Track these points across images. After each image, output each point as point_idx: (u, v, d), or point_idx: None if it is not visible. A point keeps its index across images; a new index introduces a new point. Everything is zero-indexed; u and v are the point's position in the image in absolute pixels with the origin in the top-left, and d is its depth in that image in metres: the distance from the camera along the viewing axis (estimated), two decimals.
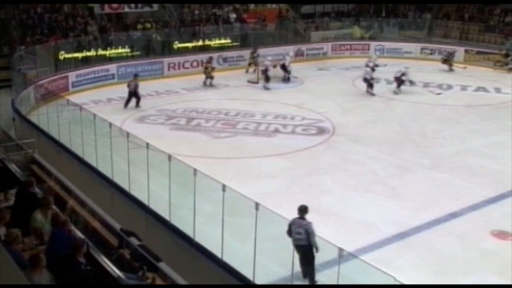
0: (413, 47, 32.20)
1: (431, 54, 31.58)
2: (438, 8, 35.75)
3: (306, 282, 9.75)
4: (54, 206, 9.21)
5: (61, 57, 23.97)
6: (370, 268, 8.40)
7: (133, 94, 21.17)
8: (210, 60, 25.52)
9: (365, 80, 23.68)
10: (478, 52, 30.17)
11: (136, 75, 22.23)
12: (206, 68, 25.04)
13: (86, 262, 7.45)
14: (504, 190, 14.11)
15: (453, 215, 12.76)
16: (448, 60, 28.92)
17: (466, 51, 30.72)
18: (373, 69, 24.35)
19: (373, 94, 23.30)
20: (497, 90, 24.68)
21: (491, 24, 32.90)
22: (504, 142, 17.72)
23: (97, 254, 8.13)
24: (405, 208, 13.09)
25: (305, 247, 9.69)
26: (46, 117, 17.47)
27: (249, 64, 27.52)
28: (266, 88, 24.37)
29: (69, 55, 24.34)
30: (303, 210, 9.92)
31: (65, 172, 12.49)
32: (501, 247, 11.52)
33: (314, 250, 9.65)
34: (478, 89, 24.88)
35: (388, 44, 32.64)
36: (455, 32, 33.63)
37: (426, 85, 25.52)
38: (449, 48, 31.31)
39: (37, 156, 12.95)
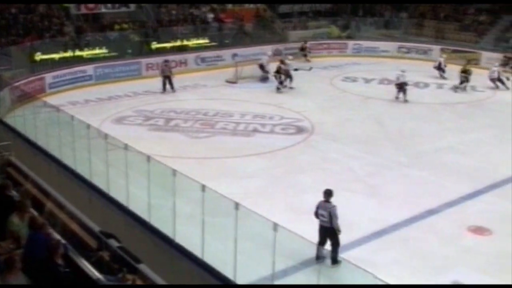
0: (390, 46, 32.51)
1: (407, 52, 31.94)
2: (414, 8, 36.12)
3: (319, 264, 9.79)
4: (31, 209, 9.10)
5: (37, 58, 23.72)
6: (349, 266, 8.47)
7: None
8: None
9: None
10: (453, 51, 30.55)
11: (166, 61, 24.44)
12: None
13: (64, 264, 7.38)
14: (480, 186, 14.33)
15: (431, 212, 12.92)
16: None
17: (442, 49, 31.08)
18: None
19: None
20: (473, 88, 25.00)
21: (465, 23, 33.34)
22: (480, 140, 18.01)
23: (76, 256, 8.06)
24: (383, 206, 13.20)
25: (328, 229, 10.35)
26: (22, 119, 17.26)
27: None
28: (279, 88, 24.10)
29: (46, 56, 24.09)
30: (328, 193, 10.64)
31: (43, 175, 12.33)
32: (478, 243, 11.69)
33: (337, 232, 10.29)
34: (454, 87, 25.13)
35: (365, 43, 32.92)
36: (431, 31, 34.00)
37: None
38: (425, 46, 31.68)
39: (13, 159, 12.77)
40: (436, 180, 14.85)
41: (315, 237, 9.30)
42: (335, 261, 10.28)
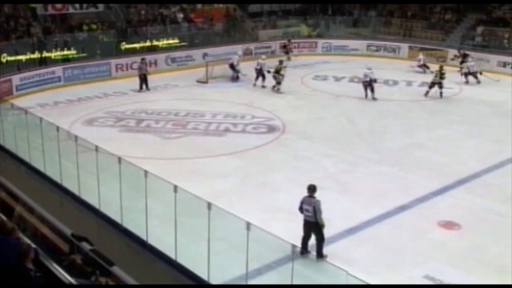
0: (359, 44, 32.85)
1: (377, 51, 32.32)
2: (382, 6, 36.53)
3: (304, 258, 9.88)
4: (0, 214, 8.96)
5: (3, 60, 23.31)
6: (323, 264, 8.54)
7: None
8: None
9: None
10: (421, 49, 30.98)
11: (143, 59, 24.51)
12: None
13: (35, 269, 7.28)
14: (450, 181, 14.57)
15: (402, 208, 13.08)
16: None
17: (410, 47, 31.55)
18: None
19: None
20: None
21: (432, 21, 33.86)
22: (448, 135, 18.31)
23: (48, 261, 7.95)
24: (356, 203, 13.33)
25: (313, 224, 10.57)
26: None
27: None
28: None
29: (12, 58, 23.68)
30: (312, 188, 10.85)
31: (12, 178, 12.14)
32: (448, 237, 11.89)
33: (322, 227, 10.53)
34: (423, 84, 25.48)
35: (335, 42, 33.19)
36: (399, 29, 34.44)
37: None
38: (394, 44, 32.08)
39: None
40: (407, 176, 15.06)
41: (288, 235, 9.35)
42: (320, 255, 10.46)
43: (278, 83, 23.78)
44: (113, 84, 24.76)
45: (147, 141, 17.71)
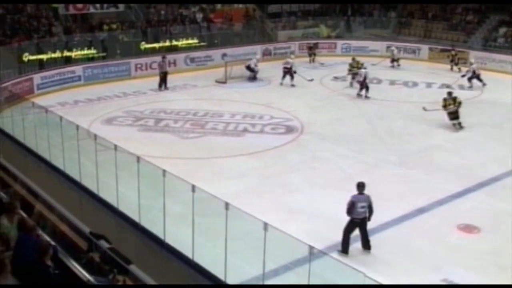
0: (379, 45, 32.63)
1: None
2: (403, 7, 36.29)
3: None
4: (20, 211, 9.06)
5: (25, 59, 23.57)
6: (340, 265, 8.49)
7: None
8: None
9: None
10: (441, 50, 30.73)
11: (164, 57, 24.76)
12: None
13: (54, 266, 7.35)
14: (469, 184, 14.41)
15: (421, 211, 12.97)
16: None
17: (430, 49, 31.28)
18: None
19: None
20: (461, 87, 25.13)
21: (453, 22, 33.54)
22: (468, 138, 18.13)
23: (66, 258, 8.03)
24: (373, 205, 13.20)
25: (364, 220, 11.00)
26: (10, 120, 17.18)
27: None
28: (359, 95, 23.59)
29: (34, 57, 23.94)
30: (362, 185, 11.18)
31: (32, 176, 12.28)
32: (467, 241, 11.76)
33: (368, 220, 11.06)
34: (442, 86, 25.29)
35: (354, 43, 33.03)
36: (419, 30, 34.18)
37: (392, 82, 25.91)
38: (414, 46, 31.82)
39: (1, 160, 12.71)
40: (426, 178, 14.92)
41: (305, 236, 9.31)
42: (369, 246, 11.05)
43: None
44: (133, 84, 24.91)
45: (166, 140, 17.79)
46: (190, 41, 29.48)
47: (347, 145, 17.30)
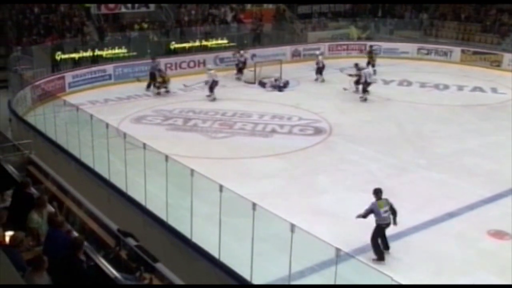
0: (410, 47, 32.24)
1: (427, 54, 31.66)
2: (435, 8, 35.82)
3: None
4: (50, 206, 9.21)
5: (57, 58, 23.95)
6: (367, 268, 8.42)
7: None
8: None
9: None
10: (474, 52, 30.24)
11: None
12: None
13: (86, 260, 7.46)
14: (501, 189, 14.15)
15: (450, 215, 12.79)
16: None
17: (462, 51, 30.80)
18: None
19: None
20: (494, 90, 24.73)
21: (487, 24, 32.97)
22: (500, 142, 17.77)
23: (94, 254, 8.13)
24: (402, 208, 13.01)
25: (388, 225, 10.95)
26: (42, 117, 17.46)
27: None
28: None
29: (66, 56, 24.31)
30: (380, 191, 11.06)
31: (62, 173, 12.46)
32: (498, 247, 11.54)
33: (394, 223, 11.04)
34: (475, 89, 24.93)
35: (384, 45, 32.65)
36: (452, 32, 33.69)
37: (422, 85, 25.60)
38: (446, 48, 31.38)
39: (33, 157, 12.92)
40: (456, 182, 14.70)
41: (332, 238, 9.26)
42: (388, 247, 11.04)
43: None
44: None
45: (194, 140, 17.88)
46: (220, 41, 29.57)
47: (376, 148, 17.14)
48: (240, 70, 26.33)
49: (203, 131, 18.72)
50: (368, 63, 26.41)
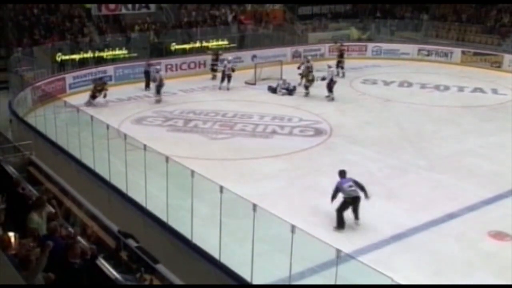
0: (410, 48, 32.26)
1: (428, 55, 31.67)
2: (435, 9, 35.82)
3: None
4: (48, 205, 9.21)
5: (58, 59, 23.95)
6: (367, 269, 8.41)
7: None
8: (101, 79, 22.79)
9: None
10: (475, 53, 30.25)
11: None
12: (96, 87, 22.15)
13: (81, 262, 7.42)
14: (501, 191, 14.13)
15: (451, 216, 12.77)
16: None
17: (463, 52, 30.80)
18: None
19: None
20: (494, 91, 24.73)
21: (487, 25, 32.96)
22: (501, 143, 17.75)
23: (95, 252, 8.12)
24: (402, 209, 13.10)
25: (359, 198, 12.04)
26: (43, 118, 17.47)
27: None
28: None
29: (66, 57, 24.32)
30: (344, 172, 12.53)
31: (62, 174, 12.48)
32: (499, 248, 11.53)
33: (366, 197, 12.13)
34: (475, 90, 24.93)
35: (385, 46, 32.70)
36: (452, 33, 33.68)
37: (423, 86, 25.60)
38: (446, 49, 31.38)
39: (34, 158, 12.95)
40: (456, 183, 14.69)
41: (332, 239, 9.27)
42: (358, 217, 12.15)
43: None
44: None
45: (194, 141, 17.87)
46: (220, 42, 29.58)
47: (376, 149, 17.14)
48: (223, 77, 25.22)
49: (203, 132, 18.72)
50: (338, 64, 26.52)
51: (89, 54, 25.20)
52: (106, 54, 25.80)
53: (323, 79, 22.85)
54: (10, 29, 25.19)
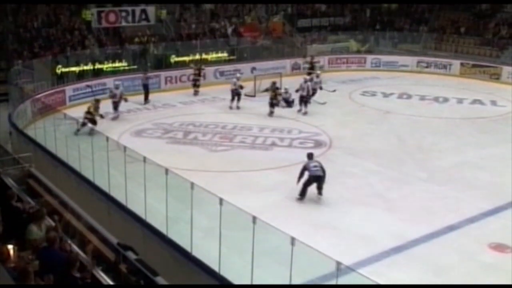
0: (409, 60, 32.36)
1: (427, 67, 31.76)
2: (434, 21, 35.98)
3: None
4: (48, 218, 9.19)
5: (58, 71, 24.01)
6: (368, 282, 8.38)
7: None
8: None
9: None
10: (474, 65, 30.35)
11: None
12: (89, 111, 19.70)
13: (81, 276, 7.40)
14: (502, 202, 14.12)
15: (451, 228, 12.75)
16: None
17: (462, 64, 30.90)
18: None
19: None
20: (493, 102, 24.78)
21: (486, 37, 33.10)
22: (501, 155, 17.77)
23: (94, 268, 8.09)
24: (402, 221, 13.07)
25: (322, 178, 14.01)
26: (43, 131, 17.46)
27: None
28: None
29: (66, 69, 24.38)
30: (311, 155, 14.68)
31: (62, 186, 12.44)
32: (499, 260, 11.50)
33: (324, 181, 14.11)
34: (474, 101, 24.99)
35: (384, 58, 32.81)
36: (451, 45, 33.81)
37: (422, 98, 25.65)
38: (445, 61, 31.48)
39: (33, 170, 12.92)
40: (456, 195, 14.68)
41: (332, 251, 9.24)
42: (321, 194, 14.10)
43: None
44: (162, 96, 25.12)
45: (194, 153, 17.87)
46: (219, 55, 29.67)
47: (376, 161, 17.14)
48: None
49: (203, 144, 18.72)
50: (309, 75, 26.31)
51: (89, 67, 25.25)
52: (106, 66, 25.86)
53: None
54: (10, 41, 25.28)
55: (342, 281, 8.36)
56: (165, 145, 18.70)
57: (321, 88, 24.62)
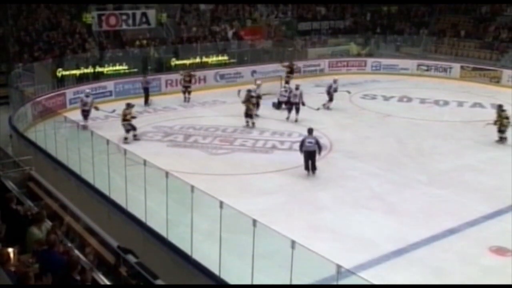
0: (410, 63, 32.41)
1: (427, 70, 31.79)
2: (434, 25, 36.02)
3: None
4: (48, 220, 9.19)
5: (58, 74, 24.02)
6: (368, 285, 8.37)
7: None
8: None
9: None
10: (474, 69, 30.38)
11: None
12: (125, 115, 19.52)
13: (81, 279, 7.40)
14: (502, 206, 14.11)
15: (451, 231, 12.74)
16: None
17: (462, 67, 30.93)
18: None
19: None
20: (493, 106, 24.72)
21: (486, 41, 33.13)
22: (501, 158, 17.77)
23: (94, 271, 8.09)
24: (402, 225, 13.06)
25: (313, 153, 15.72)
26: (43, 134, 17.47)
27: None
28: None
29: (67, 72, 24.40)
30: (311, 130, 16.15)
31: (62, 189, 12.44)
32: (500, 264, 11.49)
33: (318, 154, 16.01)
34: (475, 105, 25.00)
35: (384, 61, 32.85)
36: (451, 48, 33.83)
37: (422, 101, 25.66)
38: (445, 64, 31.49)
39: (34, 173, 12.91)
40: (456, 199, 14.67)
41: (333, 254, 9.22)
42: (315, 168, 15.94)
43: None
44: (163, 99, 25.14)
45: (194, 156, 17.87)
46: (220, 58, 29.70)
47: (376, 164, 17.13)
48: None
49: (203, 147, 18.73)
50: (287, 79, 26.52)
51: (90, 70, 25.28)
52: (107, 69, 25.90)
53: (334, 90, 23.84)
54: (11, 44, 25.31)
55: (342, 284, 8.34)
56: (166, 148, 18.71)
57: (336, 91, 24.34)
